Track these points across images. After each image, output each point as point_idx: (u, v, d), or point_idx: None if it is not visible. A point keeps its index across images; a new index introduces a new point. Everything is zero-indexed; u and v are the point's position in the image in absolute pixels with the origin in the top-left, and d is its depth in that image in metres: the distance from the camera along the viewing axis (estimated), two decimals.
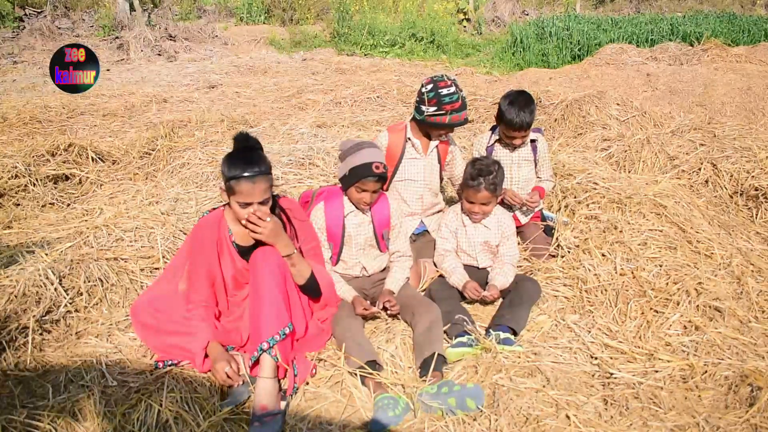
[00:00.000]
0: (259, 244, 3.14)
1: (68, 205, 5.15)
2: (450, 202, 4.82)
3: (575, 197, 4.61)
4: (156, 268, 3.90)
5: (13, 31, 13.44)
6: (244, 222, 2.99)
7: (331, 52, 13.82)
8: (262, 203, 2.98)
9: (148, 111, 8.47)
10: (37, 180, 5.22)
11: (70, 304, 3.47)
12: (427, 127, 4.04)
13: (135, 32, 13.28)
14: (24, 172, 5.21)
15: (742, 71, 10.13)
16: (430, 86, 3.92)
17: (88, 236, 4.05)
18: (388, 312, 3.51)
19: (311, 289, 3.29)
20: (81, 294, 3.55)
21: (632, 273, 3.84)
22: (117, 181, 5.54)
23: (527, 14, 18.98)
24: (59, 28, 13.86)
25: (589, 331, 3.46)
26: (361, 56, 13.80)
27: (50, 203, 5.13)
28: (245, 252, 3.17)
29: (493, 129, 4.46)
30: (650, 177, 5.17)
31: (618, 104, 7.03)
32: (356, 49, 14.18)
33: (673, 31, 13.56)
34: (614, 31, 13.74)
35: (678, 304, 3.56)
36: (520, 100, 4.08)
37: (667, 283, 3.73)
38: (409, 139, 4.11)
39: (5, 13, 13.68)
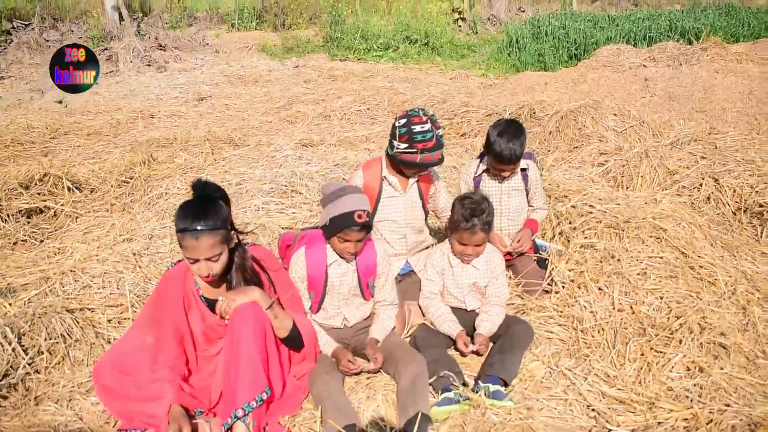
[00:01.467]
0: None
1: (41, 241, 4.94)
2: (437, 232, 4.59)
3: (570, 223, 4.38)
4: (125, 318, 3.68)
5: (0, 45, 13.21)
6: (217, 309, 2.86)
7: (324, 58, 13.57)
8: (210, 259, 2.77)
9: (134, 128, 8.30)
10: (9, 215, 5.00)
11: (30, 365, 3.25)
12: (398, 164, 3.79)
13: (124, 43, 13.03)
14: None
15: (743, 73, 9.86)
16: (403, 121, 3.66)
17: (54, 283, 3.86)
18: (370, 369, 3.28)
19: (294, 342, 3.09)
20: (42, 353, 3.32)
21: (631, 308, 3.64)
22: (93, 213, 5.32)
23: (523, 11, 18.70)
24: (47, 41, 13.61)
25: (586, 378, 3.23)
26: (355, 61, 13.55)
27: (22, 240, 4.92)
28: (215, 305, 2.95)
29: (481, 157, 4.22)
30: (649, 194, 4.94)
31: (615, 114, 6.79)
32: (349, 54, 13.94)
33: (672, 28, 13.30)
34: (611, 29, 13.46)
35: (680, 342, 3.34)
36: (510, 130, 3.83)
37: (668, 318, 3.53)
38: (384, 177, 3.87)
39: None
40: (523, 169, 4.13)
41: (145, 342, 2.97)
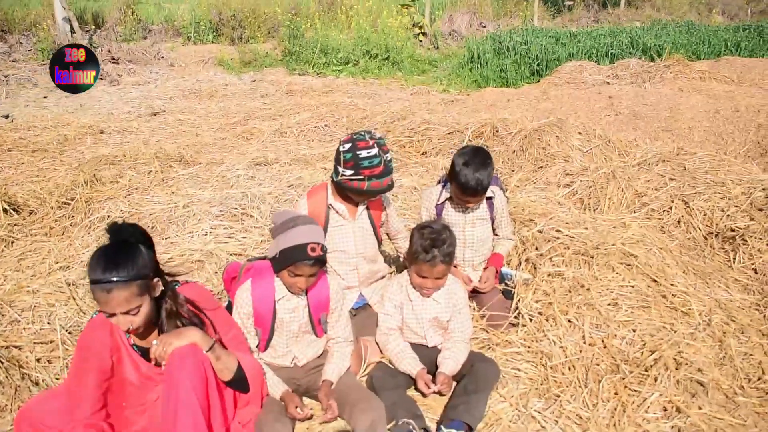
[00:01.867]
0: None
1: None
2: (394, 260, 4.33)
3: (537, 249, 4.17)
4: (55, 357, 3.34)
5: None
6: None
7: (283, 72, 13.31)
8: (128, 313, 2.47)
9: (82, 144, 7.91)
10: None
11: None
12: (345, 191, 3.52)
13: None
14: None
15: (708, 91, 9.78)
16: (348, 145, 3.38)
17: None
18: (324, 419, 2.98)
19: (239, 383, 2.78)
20: None
21: (603, 342, 3.44)
22: (30, 237, 4.94)
23: (485, 26, 18.62)
24: None
25: (557, 422, 3.00)
26: (314, 75, 13.31)
27: None
28: (148, 352, 2.64)
29: (443, 183, 3.95)
30: (618, 218, 4.75)
31: (580, 133, 6.61)
32: (308, 68, 13.68)
33: (633, 44, 13.30)
34: (573, 45, 13.40)
35: (656, 380, 3.15)
36: (477, 160, 3.56)
37: (642, 353, 3.34)
38: (330, 205, 3.59)
39: None
40: (488, 198, 3.87)
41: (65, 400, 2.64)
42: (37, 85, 11.91)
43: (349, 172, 3.37)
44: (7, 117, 9.42)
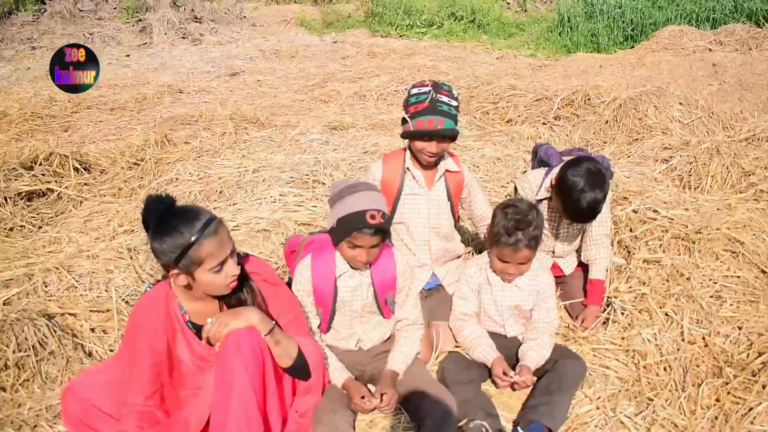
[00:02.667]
0: None
1: (39, 228, 4.49)
2: (473, 238, 4.01)
3: (631, 230, 3.81)
4: (110, 327, 3.20)
5: (34, 15, 12.87)
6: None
7: (365, 34, 13.01)
8: (232, 254, 2.35)
9: (160, 104, 7.91)
10: (6, 198, 4.56)
11: None
12: (410, 147, 3.22)
13: (159, 14, 12.61)
14: None
15: None
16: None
17: (36, 282, 3.38)
18: (381, 408, 2.73)
19: (299, 371, 2.57)
20: (9, 367, 2.86)
21: (704, 340, 3.09)
22: (99, 197, 4.86)
23: None
24: (81, 11, 13.25)
25: (649, 429, 2.68)
26: (396, 38, 12.95)
27: (19, 226, 4.46)
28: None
29: (546, 171, 3.47)
30: (721, 198, 4.32)
31: (681, 103, 6.08)
32: (391, 30, 13.32)
33: (737, 8, 12.35)
34: (671, 9, 12.55)
35: (764, 387, 2.77)
36: (592, 180, 3.04)
37: (749, 354, 2.97)
38: (407, 169, 3.25)
39: None
40: None
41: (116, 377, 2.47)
42: (120, 43, 11.99)
43: (403, 116, 3.12)
44: None
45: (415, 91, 3.08)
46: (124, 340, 2.54)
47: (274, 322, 2.47)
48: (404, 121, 3.11)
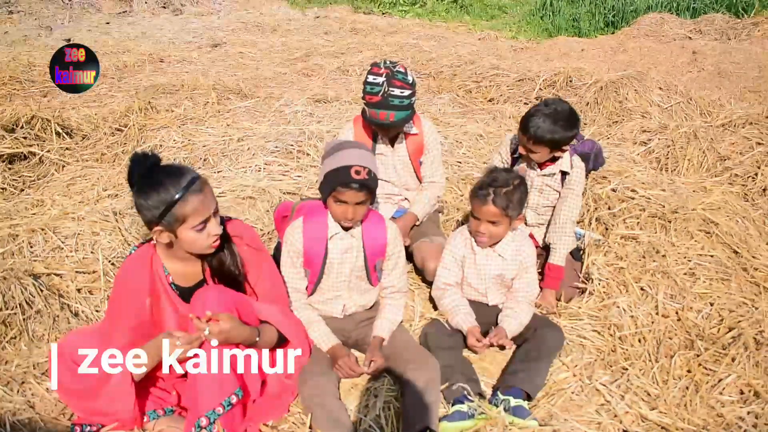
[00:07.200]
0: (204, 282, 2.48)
1: (21, 191, 4.48)
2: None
3: (609, 208, 3.88)
4: (96, 288, 3.22)
5: None
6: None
7: (348, 9, 12.97)
8: (216, 213, 2.37)
9: (141, 72, 7.85)
10: None
11: None
12: None
13: None
14: None
15: None
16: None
17: (21, 243, 3.38)
18: (367, 372, 2.80)
19: (279, 344, 2.64)
20: None
21: (677, 314, 3.16)
22: (81, 162, 4.84)
23: None
24: None
25: (623, 397, 2.76)
26: (379, 15, 12.93)
27: (1, 188, 4.45)
28: (188, 293, 2.47)
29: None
30: (697, 181, 4.41)
31: (660, 88, 6.17)
32: (374, 7, 13.31)
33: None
34: None
35: (733, 360, 2.87)
36: (551, 108, 3.20)
37: (719, 329, 3.06)
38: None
39: None
40: (564, 173, 3.44)
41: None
42: (100, 10, 11.86)
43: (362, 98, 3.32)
44: (68, 41, 9.35)
45: (370, 79, 3.23)
46: (109, 301, 2.58)
47: (257, 334, 2.52)
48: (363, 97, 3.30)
